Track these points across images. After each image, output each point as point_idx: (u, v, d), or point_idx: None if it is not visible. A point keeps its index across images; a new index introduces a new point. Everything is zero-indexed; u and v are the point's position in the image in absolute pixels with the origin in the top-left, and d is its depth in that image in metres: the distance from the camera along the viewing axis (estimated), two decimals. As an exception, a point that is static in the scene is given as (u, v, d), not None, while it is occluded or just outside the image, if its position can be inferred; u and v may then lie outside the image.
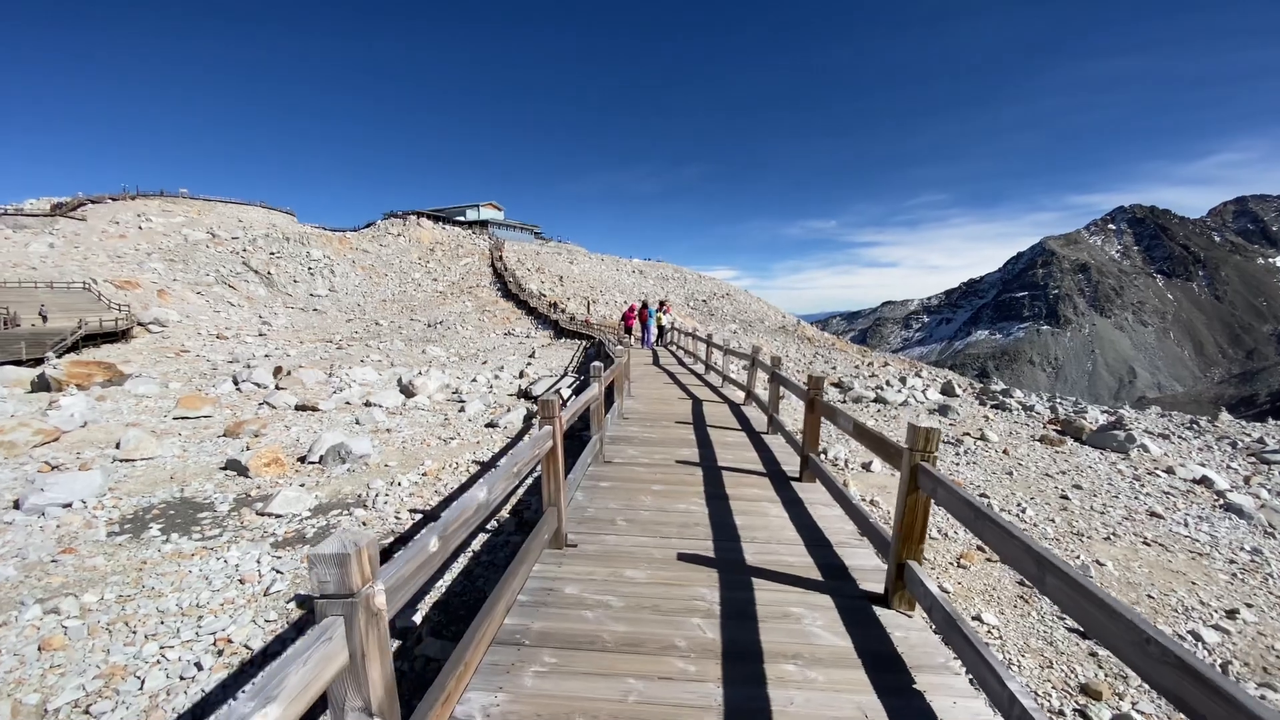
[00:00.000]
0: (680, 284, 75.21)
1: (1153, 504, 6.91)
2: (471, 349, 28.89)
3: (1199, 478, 8.85)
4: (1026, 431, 11.01)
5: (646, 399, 10.65)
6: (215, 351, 25.65)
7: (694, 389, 12.14)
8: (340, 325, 41.49)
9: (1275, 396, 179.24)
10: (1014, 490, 6.90)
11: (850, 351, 44.66)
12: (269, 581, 5.22)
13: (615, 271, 74.70)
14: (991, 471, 7.72)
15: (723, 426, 8.10)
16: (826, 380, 21.91)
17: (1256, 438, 13.28)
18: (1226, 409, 70.09)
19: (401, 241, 69.78)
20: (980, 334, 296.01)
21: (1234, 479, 9.06)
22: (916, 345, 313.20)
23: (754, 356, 9.17)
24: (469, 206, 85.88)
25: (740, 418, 8.87)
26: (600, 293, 57.75)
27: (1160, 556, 5.07)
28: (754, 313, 64.70)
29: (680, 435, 7.48)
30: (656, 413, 9.18)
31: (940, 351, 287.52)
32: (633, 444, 6.94)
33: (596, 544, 4.04)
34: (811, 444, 5.25)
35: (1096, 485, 7.49)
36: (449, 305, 48.04)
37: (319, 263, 56.82)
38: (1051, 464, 8.50)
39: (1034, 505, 6.32)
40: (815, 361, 29.99)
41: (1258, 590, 4.62)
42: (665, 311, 26.18)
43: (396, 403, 12.93)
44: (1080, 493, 7.03)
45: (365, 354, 25.48)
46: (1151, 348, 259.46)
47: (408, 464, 8.62)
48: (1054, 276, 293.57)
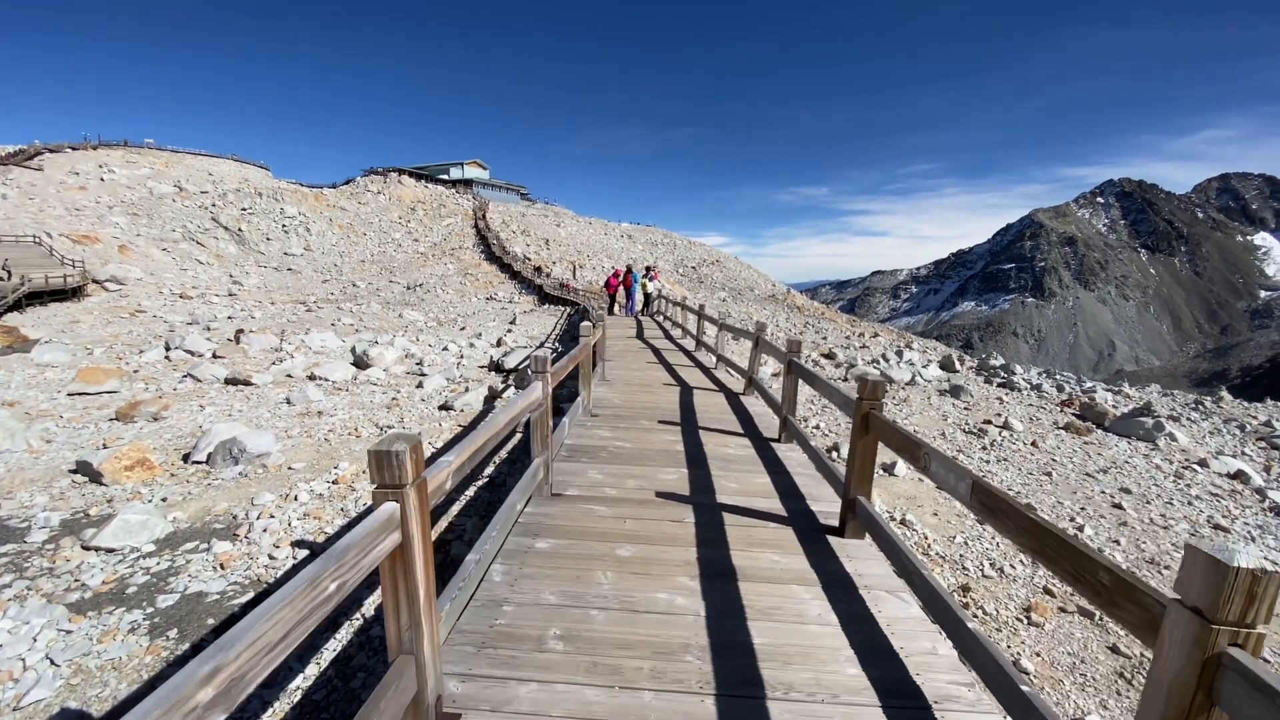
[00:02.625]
0: (670, 249, 73.63)
1: (1209, 511, 6.13)
2: (451, 314, 27.61)
3: (1234, 472, 8.17)
4: (1047, 418, 10.20)
5: (624, 385, 8.83)
6: (174, 312, 24.11)
7: (682, 370, 10.42)
8: (315, 286, 39.79)
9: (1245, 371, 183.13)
10: (1059, 497, 6.04)
11: (839, 321, 43.93)
12: (29, 683, 3.41)
13: (604, 235, 72.91)
14: (1027, 471, 6.86)
15: (720, 429, 6.31)
16: (819, 351, 21.18)
17: (1263, 420, 12.72)
18: (1200, 383, 71.25)
19: (382, 200, 67.12)
20: (967, 305, 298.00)
21: (1258, 470, 8.45)
22: (904, 315, 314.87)
23: (758, 336, 7.70)
24: (453, 165, 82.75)
25: (742, 415, 7.08)
26: (588, 257, 56.16)
27: None
28: (744, 280, 63.56)
29: (664, 445, 5.64)
30: (635, 406, 7.34)
31: (927, 322, 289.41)
32: (597, 460, 5.09)
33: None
34: (862, 483, 3.54)
35: (1143, 487, 6.68)
36: (430, 267, 46.31)
37: (294, 220, 54.38)
38: (1086, 459, 7.68)
39: (1089, 519, 5.46)
40: (806, 331, 29.13)
41: None
42: (652, 278, 24.75)
43: (345, 376, 11.49)
44: (1131, 499, 6.21)
45: (336, 317, 24.10)
46: (1131, 322, 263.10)
47: (320, 465, 6.91)
48: (1041, 249, 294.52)
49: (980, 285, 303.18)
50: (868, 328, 42.46)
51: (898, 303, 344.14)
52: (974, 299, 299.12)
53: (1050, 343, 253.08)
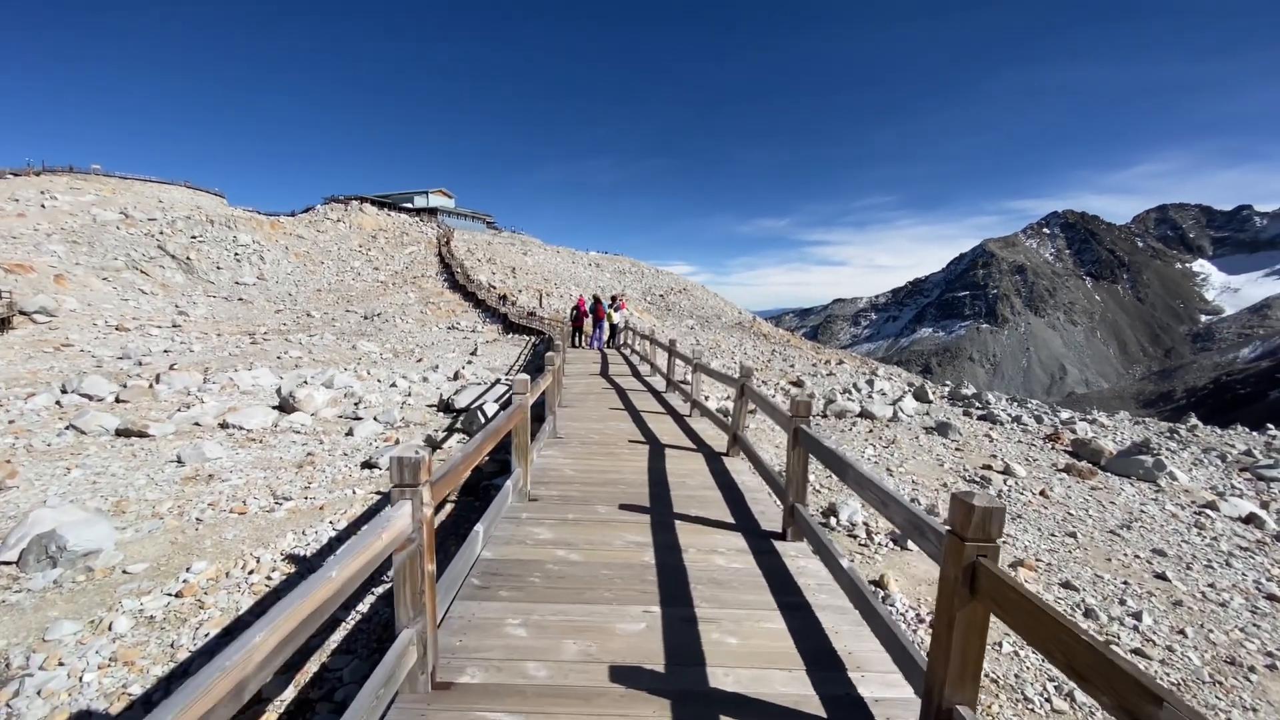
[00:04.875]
0: (638, 278, 73.46)
1: (1251, 574, 5.52)
2: (409, 344, 26.32)
3: (1246, 515, 7.70)
4: (1044, 458, 9.66)
5: (580, 443, 7.13)
6: (105, 346, 22.22)
7: (652, 420, 8.79)
8: (267, 316, 37.85)
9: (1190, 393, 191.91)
10: (1095, 567, 5.32)
11: (805, 348, 43.97)
12: None
13: (571, 264, 72.41)
14: (1049, 532, 6.16)
15: (703, 519, 4.61)
16: (787, 379, 20.63)
17: (1242, 449, 12.56)
18: (1146, 404, 74.10)
19: (341, 228, 65.33)
20: (925, 332, 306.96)
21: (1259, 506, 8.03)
22: (865, 341, 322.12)
23: (743, 384, 6.26)
24: (417, 193, 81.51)
25: (729, 491, 5.38)
26: (555, 285, 55.39)
27: None
28: (711, 309, 63.60)
29: (627, 554, 3.93)
30: (591, 478, 5.67)
31: (887, 348, 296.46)
32: (524, 593, 3.37)
33: None
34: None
35: (1174, 547, 6.06)
36: (390, 296, 44.79)
37: (247, 248, 52.25)
38: (1102, 511, 7.06)
39: (1138, 599, 4.73)
40: (773, 359, 28.74)
41: None
42: (618, 308, 23.79)
43: (264, 423, 9.83)
44: (1170, 565, 5.55)
45: (283, 349, 22.57)
46: (1080, 346, 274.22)
47: (169, 564, 5.06)
48: (993, 277, 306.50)
49: (937, 312, 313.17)
50: (832, 354, 42.56)
51: (859, 329, 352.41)
52: (931, 325, 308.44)
53: (1005, 367, 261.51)
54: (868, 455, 8.88)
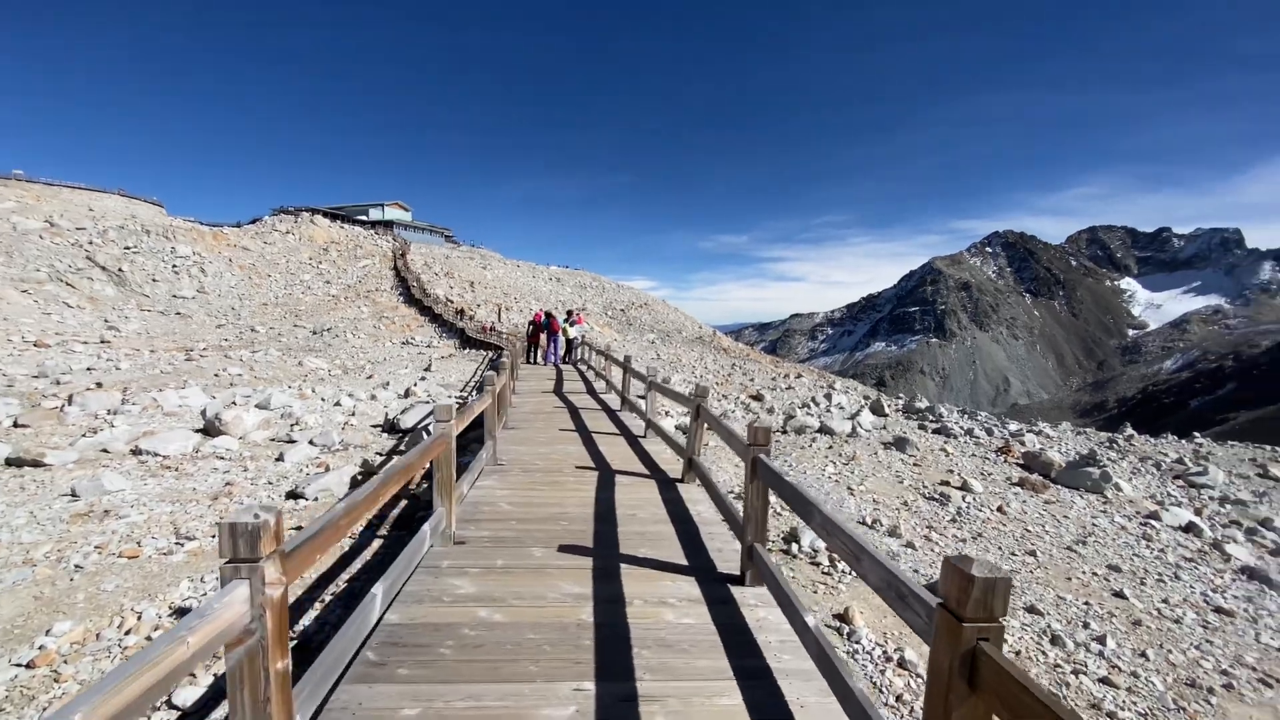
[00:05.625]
0: (599, 292, 73.23)
1: (1199, 586, 5.62)
2: (360, 360, 25.33)
3: (1185, 525, 7.94)
4: (998, 472, 9.80)
5: (523, 471, 6.52)
6: (20, 363, 20.51)
7: (604, 442, 8.26)
8: (207, 331, 35.96)
9: (1121, 402, 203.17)
10: (1056, 588, 5.29)
11: (764, 362, 44.50)
12: None
13: (531, 278, 71.69)
14: (1009, 551, 6.15)
15: (654, 560, 4.15)
16: (747, 392, 20.69)
17: (1175, 458, 13.09)
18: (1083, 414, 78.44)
19: (291, 240, 62.98)
20: (878, 346, 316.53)
21: (1194, 514, 8.31)
22: (822, 355, 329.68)
23: (698, 404, 5.81)
24: (373, 205, 79.55)
25: (683, 525, 4.91)
26: (515, 300, 54.64)
27: None
28: (672, 323, 63.84)
29: (560, 610, 3.43)
30: (531, 512, 5.11)
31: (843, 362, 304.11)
32: (430, 670, 2.83)
33: None
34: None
35: (1127, 561, 6.13)
36: (342, 310, 43.28)
37: (187, 260, 49.69)
38: (1058, 526, 7.13)
39: (1099, 620, 4.71)
40: (733, 373, 28.88)
41: None
42: (575, 322, 23.37)
43: (184, 448, 8.90)
44: (1125, 580, 5.59)
45: (222, 366, 21.34)
46: (1022, 359, 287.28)
47: (27, 625, 4.21)
48: (941, 294, 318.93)
49: (889, 327, 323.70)
50: (791, 368, 43.18)
51: (815, 343, 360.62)
52: (884, 340, 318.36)
53: (953, 379, 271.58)
54: (829, 473, 8.81)
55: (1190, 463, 12.43)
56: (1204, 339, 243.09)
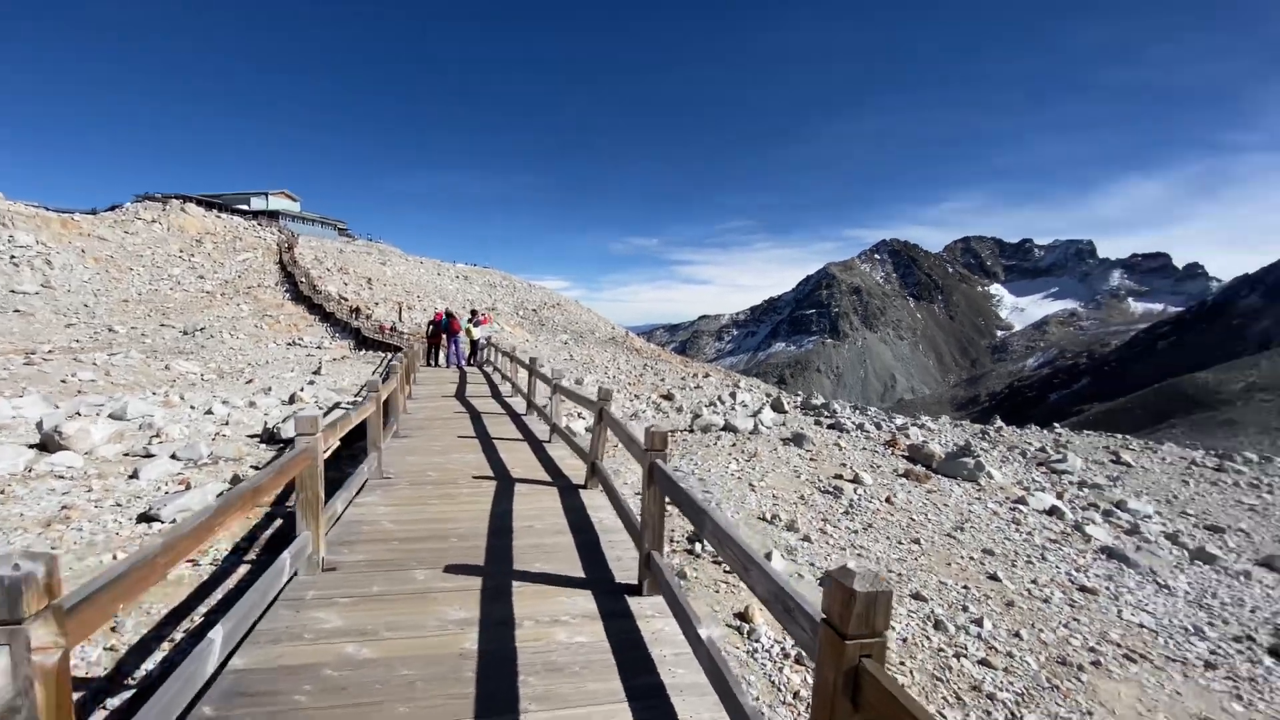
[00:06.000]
0: (509, 292, 71.44)
1: (1064, 566, 6.15)
2: (239, 363, 23.05)
3: (1049, 508, 8.74)
4: (886, 464, 10.36)
5: (411, 483, 6.00)
6: None
7: (506, 449, 7.80)
8: (55, 332, 31.36)
9: (992, 396, 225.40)
10: (938, 574, 5.59)
11: (674, 362, 45.29)
12: None
13: (436, 276, 68.69)
14: (896, 540, 6.44)
15: (548, 575, 3.92)
16: (658, 392, 20.87)
17: (1038, 446, 14.51)
18: (959, 407, 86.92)
19: (158, 229, 56.35)
20: (779, 346, 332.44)
21: (1056, 498, 9.21)
22: (728, 355, 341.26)
23: (601, 407, 5.58)
24: (255, 194, 72.99)
25: (583, 534, 4.66)
26: (418, 298, 52.06)
27: (1186, 697, 3.88)
28: (585, 323, 63.46)
29: (443, 632, 3.16)
30: (418, 528, 4.69)
31: (747, 361, 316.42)
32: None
33: None
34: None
35: (1000, 545, 6.61)
36: (218, 308, 39.30)
37: (28, 250, 43.08)
38: (939, 513, 7.59)
39: (977, 604, 4.99)
40: (645, 373, 29.08)
41: None
42: (480, 323, 22.36)
43: (13, 466, 7.28)
44: (998, 563, 6.01)
45: (71, 371, 18.61)
46: (906, 358, 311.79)
47: None
48: (835, 297, 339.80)
49: (789, 328, 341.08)
50: (700, 368, 44.22)
51: (722, 344, 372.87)
52: (784, 340, 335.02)
53: (847, 377, 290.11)
54: (732, 470, 8.92)
55: (1052, 451, 13.81)
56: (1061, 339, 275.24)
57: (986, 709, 3.58)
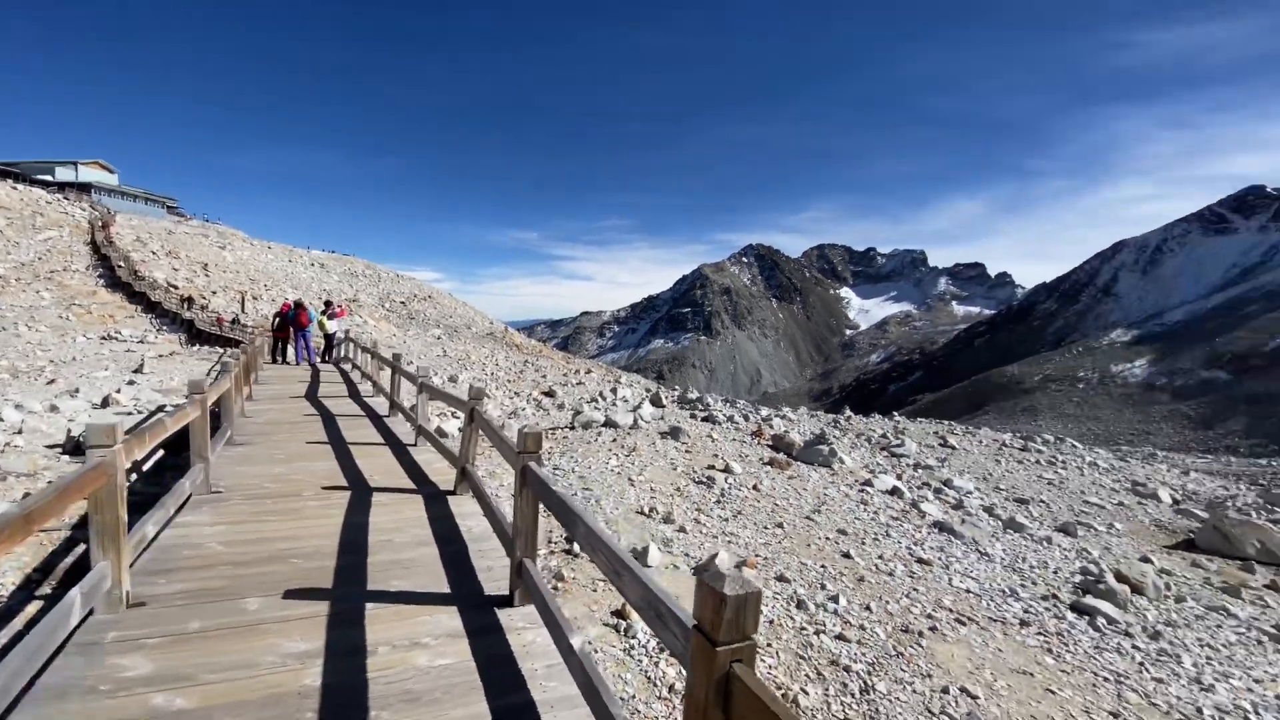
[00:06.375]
0: (373, 282, 66.53)
1: (905, 541, 6.84)
2: (38, 360, 19.35)
3: (891, 489, 9.72)
4: (753, 453, 10.96)
5: (246, 498, 5.26)
6: None
7: (363, 455, 7.12)
8: None
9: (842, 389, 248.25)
10: (800, 556, 5.98)
11: (556, 359, 44.90)
12: None
13: (287, 263, 62.26)
14: (763, 525, 6.80)
15: (408, 595, 3.58)
16: (539, 389, 20.52)
17: (880, 433, 16.18)
18: (815, 399, 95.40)
19: (-82, 198, 45.64)
20: (658, 343, 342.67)
21: (897, 480, 10.32)
22: (610, 352, 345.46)
23: (473, 408, 5.18)
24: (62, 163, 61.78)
25: (450, 545, 4.39)
26: (265, 288, 46.81)
27: (1006, 654, 4.42)
28: (460, 317, 60.83)
29: (278, 670, 2.78)
30: (253, 549, 4.17)
31: (628, 358, 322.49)
32: None
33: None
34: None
35: (851, 525, 7.22)
36: (12, 296, 32.67)
37: None
38: (798, 497, 8.15)
39: (833, 581, 5.40)
40: (526, 370, 28.54)
41: None
42: (336, 315, 20.36)
43: None
44: (850, 541, 6.55)
45: None
46: (771, 355, 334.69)
47: None
48: (707, 297, 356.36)
49: (667, 326, 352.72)
50: (581, 364, 44.21)
51: (604, 340, 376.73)
52: (663, 337, 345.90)
53: (718, 373, 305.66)
54: (612, 466, 8.95)
55: (892, 437, 15.39)
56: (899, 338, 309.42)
57: (844, 681, 3.87)
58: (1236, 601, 6.39)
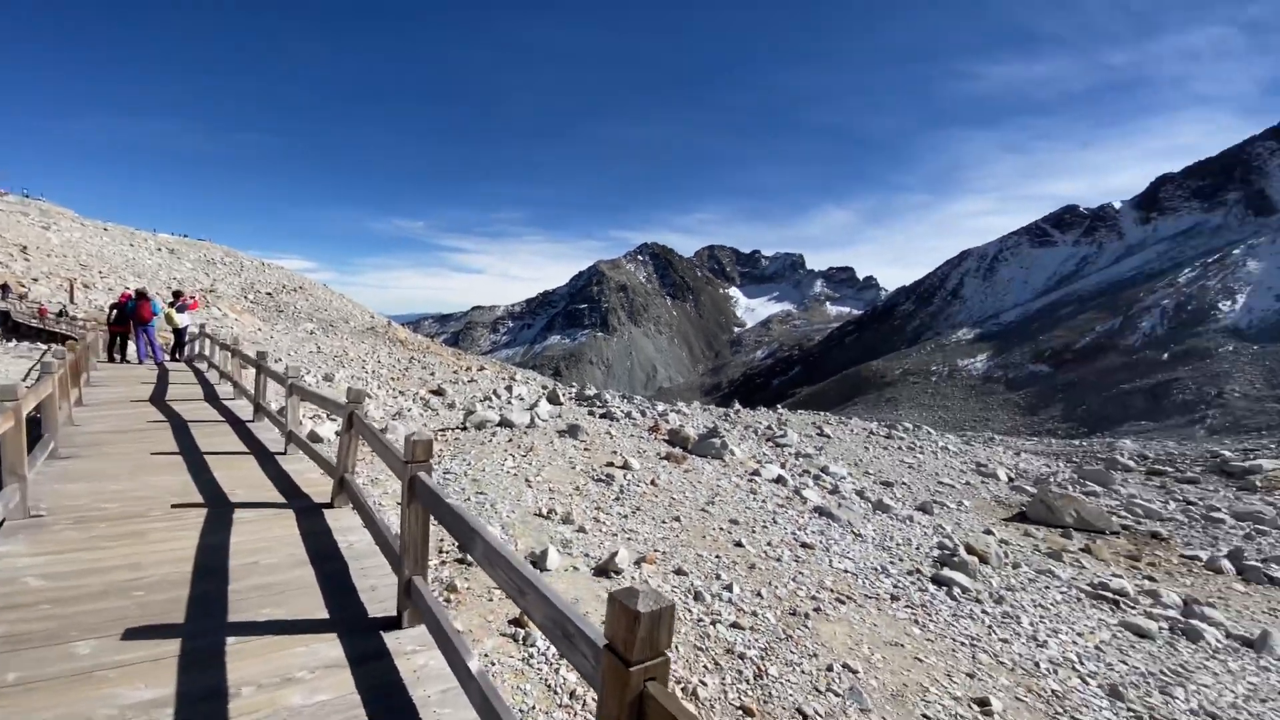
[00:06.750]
0: (235, 271, 60.05)
1: (789, 526, 7.24)
2: None
3: (776, 477, 10.30)
4: (651, 449, 11.13)
5: (75, 523, 4.50)
6: None
7: (224, 467, 6.30)
8: None
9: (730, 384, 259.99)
10: (695, 547, 6.14)
11: (445, 355, 43.05)
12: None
13: (129, 247, 54.69)
14: (661, 520, 6.92)
15: (279, 625, 3.23)
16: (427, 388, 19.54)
17: (766, 425, 17.16)
18: (707, 393, 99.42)
19: None
20: (554, 339, 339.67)
21: (781, 468, 10.98)
22: (504, 348, 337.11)
23: (351, 411, 4.79)
24: None
25: (326, 562, 4.06)
26: (100, 274, 40.78)
27: (881, 628, 4.79)
28: (337, 311, 56.45)
29: None
30: (82, 583, 3.56)
31: (524, 354, 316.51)
32: None
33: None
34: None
35: (742, 514, 7.54)
36: None
37: None
38: (693, 489, 8.38)
39: (726, 569, 5.60)
40: (411, 367, 27.07)
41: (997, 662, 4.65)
42: (187, 308, 17.95)
43: None
44: (741, 530, 6.83)
45: None
46: (665, 351, 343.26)
47: None
48: (604, 294, 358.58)
49: (564, 321, 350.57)
50: (474, 361, 42.71)
51: (498, 336, 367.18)
52: (559, 333, 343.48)
53: (615, 369, 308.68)
54: (507, 467, 8.69)
55: (776, 428, 16.30)
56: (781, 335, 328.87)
57: (739, 668, 4.03)
58: (1059, 565, 7.44)
